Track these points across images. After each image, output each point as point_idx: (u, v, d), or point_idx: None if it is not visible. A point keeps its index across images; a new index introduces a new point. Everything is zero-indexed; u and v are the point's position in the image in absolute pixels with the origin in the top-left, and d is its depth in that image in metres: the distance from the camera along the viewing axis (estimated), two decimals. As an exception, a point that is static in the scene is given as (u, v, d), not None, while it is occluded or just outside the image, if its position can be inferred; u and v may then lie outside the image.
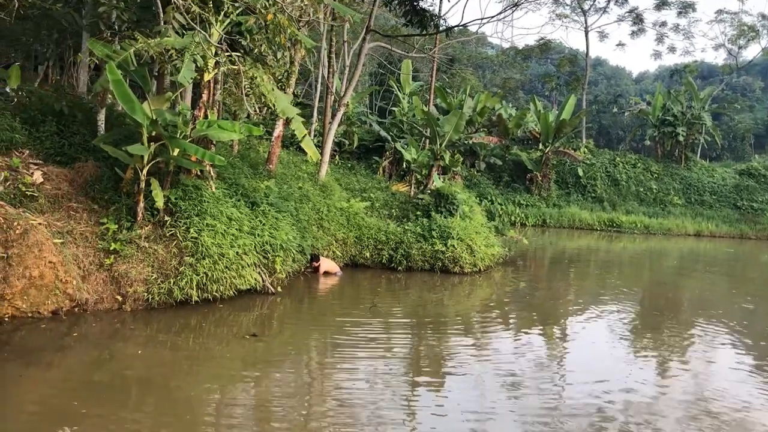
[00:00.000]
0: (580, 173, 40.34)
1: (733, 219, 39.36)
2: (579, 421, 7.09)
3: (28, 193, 10.54)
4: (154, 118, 10.78)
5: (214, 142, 12.56)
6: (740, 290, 18.95)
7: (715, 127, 46.69)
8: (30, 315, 9.25)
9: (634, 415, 7.44)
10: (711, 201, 41.28)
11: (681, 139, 42.92)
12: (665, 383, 9.01)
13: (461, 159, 26.87)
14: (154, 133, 10.97)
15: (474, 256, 16.64)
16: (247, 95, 11.91)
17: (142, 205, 11.04)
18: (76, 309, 9.80)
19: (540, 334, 11.67)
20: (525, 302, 14.79)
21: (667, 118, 43.33)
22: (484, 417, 7.10)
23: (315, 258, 14.38)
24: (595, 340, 11.40)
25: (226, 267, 11.02)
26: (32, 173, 11.04)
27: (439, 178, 20.07)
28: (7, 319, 9.00)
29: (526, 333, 11.67)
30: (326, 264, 14.66)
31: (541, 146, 38.92)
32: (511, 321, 12.49)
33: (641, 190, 41.22)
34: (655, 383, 8.94)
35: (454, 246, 16.38)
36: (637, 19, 51.34)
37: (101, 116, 12.65)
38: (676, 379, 9.21)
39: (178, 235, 10.91)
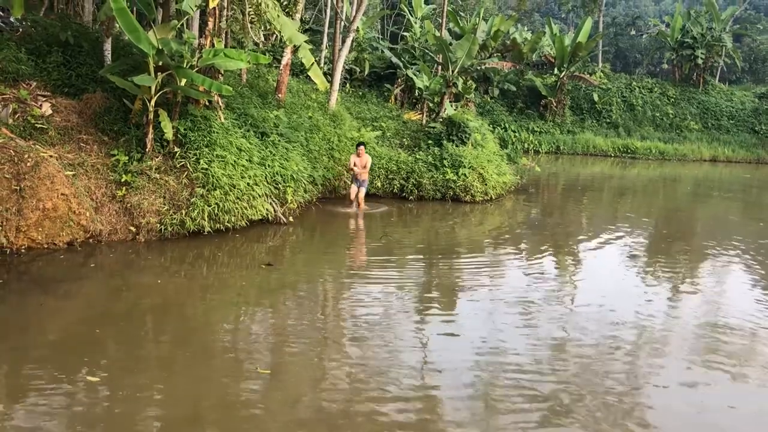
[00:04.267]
0: (596, 98, 39.64)
1: (751, 144, 38.80)
2: (589, 347, 7.19)
3: (38, 126, 10.52)
4: (160, 47, 10.61)
5: (222, 72, 12.39)
6: (755, 216, 18.85)
7: (735, 49, 45.34)
8: (46, 246, 9.39)
9: (645, 342, 7.54)
10: (728, 126, 40.57)
11: (700, 62, 41.82)
12: (676, 309, 9.08)
13: (474, 86, 26.39)
14: (160, 63, 10.82)
15: (485, 184, 16.59)
16: (252, 22, 11.65)
17: (151, 136, 11.01)
18: (90, 240, 9.94)
19: (552, 262, 11.73)
20: (536, 230, 14.82)
21: (686, 40, 42.09)
22: (495, 341, 7.22)
23: (361, 144, 14.55)
24: (607, 267, 11.45)
25: (237, 198, 11.07)
26: (41, 105, 10.98)
27: (452, 106, 19.75)
28: (23, 251, 9.15)
29: (538, 260, 11.74)
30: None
31: (556, 71, 38.12)
32: (522, 249, 12.55)
33: (657, 115, 40.53)
34: (667, 309, 9.01)
35: (465, 175, 16.30)
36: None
37: (107, 46, 12.47)
38: (688, 305, 9.27)
39: (188, 166, 10.92)
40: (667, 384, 6.38)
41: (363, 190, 14.38)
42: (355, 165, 14.20)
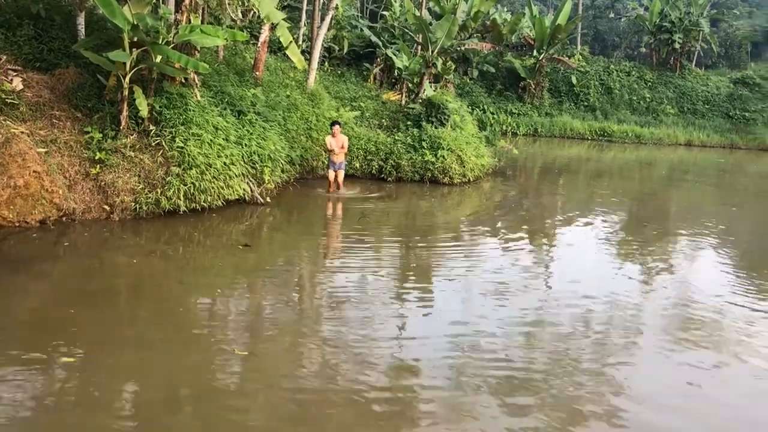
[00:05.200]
0: (574, 81, 39.77)
1: (725, 129, 39.24)
2: (561, 328, 7.27)
3: (8, 101, 10.26)
4: (135, 22, 10.39)
5: (198, 49, 12.19)
6: (727, 201, 19.13)
7: (712, 34, 45.69)
8: (17, 225, 9.23)
9: (617, 320, 7.65)
10: (704, 110, 40.98)
11: (677, 46, 42.07)
12: (649, 289, 9.21)
13: (453, 66, 26.32)
14: (135, 39, 10.61)
15: (464, 166, 16.60)
16: (230, -1, 11.46)
17: (126, 113, 10.83)
18: (63, 218, 9.79)
19: (527, 244, 11.82)
20: (513, 212, 14.91)
21: (664, 24, 42.29)
22: (471, 321, 7.27)
23: (336, 123, 14.07)
24: (582, 248, 11.56)
25: (214, 177, 10.95)
26: (11, 80, 10.71)
27: (431, 87, 19.67)
28: (-5, 229, 8.99)
29: (514, 242, 11.82)
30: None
31: (535, 53, 38.10)
32: (499, 231, 12.61)
33: (634, 98, 40.79)
34: (639, 290, 9.13)
35: (444, 157, 16.29)
36: None
37: (80, 20, 12.16)
38: (660, 285, 9.41)
39: (163, 144, 10.76)
40: (638, 361, 6.49)
41: (341, 173, 14.08)
42: (331, 146, 13.77)
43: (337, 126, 13.91)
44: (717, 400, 5.83)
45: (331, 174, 14.00)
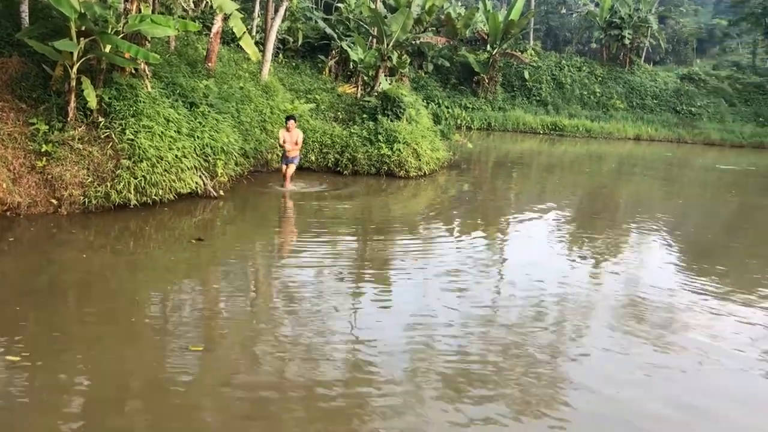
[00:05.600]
0: (527, 76, 40.33)
1: (672, 123, 40.37)
2: (515, 320, 7.37)
3: (-52, 91, 9.88)
4: (83, 11, 10.09)
5: (149, 39, 11.91)
6: (675, 193, 19.67)
7: (660, 30, 46.94)
8: (-41, 219, 8.90)
9: (569, 310, 7.78)
10: (652, 105, 42.08)
11: (627, 42, 43.08)
12: (600, 281, 9.41)
13: (409, 60, 26.37)
14: (83, 28, 10.31)
15: (419, 160, 16.66)
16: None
17: (73, 104, 10.51)
18: (8, 213, 9.45)
19: (482, 236, 11.93)
20: (468, 205, 15.04)
21: (615, 20, 43.23)
22: (426, 312, 7.30)
23: (291, 118, 13.66)
24: (535, 241, 11.73)
25: (165, 170, 10.72)
26: (-49, 69, 10.31)
27: (387, 80, 19.67)
28: (-66, 224, 8.64)
29: (469, 234, 11.92)
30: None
31: (488, 48, 38.50)
32: (453, 223, 12.71)
33: (585, 93, 41.61)
34: (591, 281, 9.32)
35: (399, 150, 16.32)
36: None
37: (24, 7, 11.75)
38: (610, 276, 9.61)
39: (113, 136, 10.50)
40: (590, 351, 6.62)
41: (293, 167, 13.78)
42: (285, 142, 13.48)
43: (292, 121, 13.58)
44: (667, 388, 5.98)
45: (284, 167, 13.81)
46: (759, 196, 20.86)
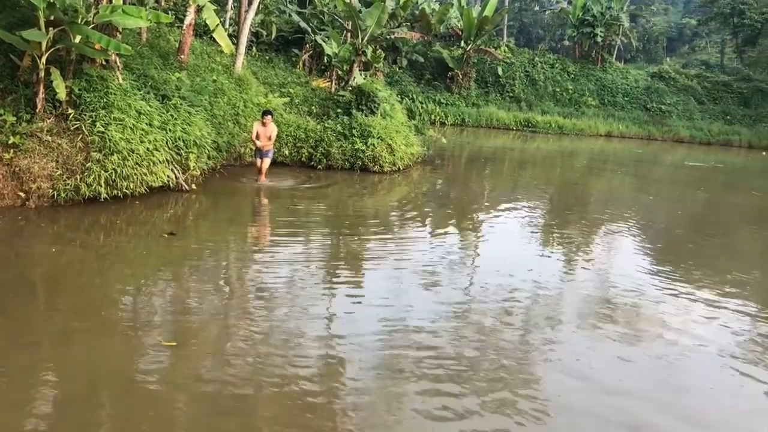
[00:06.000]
0: (500, 72, 40.54)
1: (643, 120, 40.94)
2: (487, 315, 7.42)
3: None
4: (52, 0, 9.90)
5: (120, 30, 11.73)
6: (645, 189, 19.95)
7: (631, 29, 47.52)
8: None
9: (540, 306, 7.86)
10: (623, 102, 42.61)
11: (599, 40, 43.55)
12: (571, 276, 9.51)
13: (383, 55, 26.34)
14: (52, 18, 10.11)
15: (393, 155, 16.67)
16: (154, -21, 11.06)
17: (42, 95, 10.32)
18: (-26, 206, 9.28)
19: (454, 232, 11.99)
20: (441, 201, 15.09)
21: (587, 18, 43.66)
22: (399, 308, 7.32)
23: (268, 113, 13.58)
24: (507, 237, 11.81)
25: (137, 163, 10.59)
26: None
27: (361, 75, 19.64)
28: None
29: (442, 230, 11.98)
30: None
31: (462, 44, 38.63)
32: (427, 219, 12.75)
33: (558, 90, 41.97)
34: (562, 276, 9.42)
35: (374, 145, 16.31)
36: None
37: (-10, -4, 11.52)
38: (580, 272, 9.74)
39: (83, 128, 10.33)
40: (561, 346, 6.69)
41: (267, 161, 13.68)
42: (258, 136, 13.37)
43: (269, 116, 13.49)
44: (637, 380, 6.08)
45: (258, 161, 13.69)
46: (726, 192, 21.26)
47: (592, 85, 43.00)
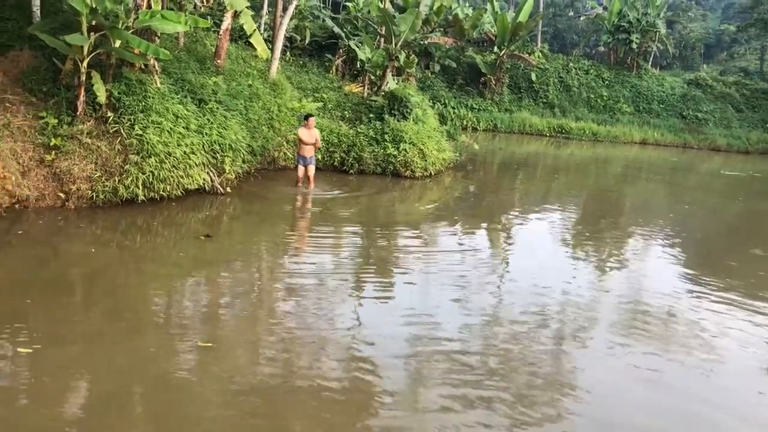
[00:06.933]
0: (533, 78, 40.25)
1: (678, 128, 40.26)
2: (517, 322, 7.38)
3: (-41, 83, 9.93)
4: (94, 6, 10.13)
5: (158, 35, 11.95)
6: (680, 198, 19.64)
7: (668, 35, 46.84)
8: (-32, 211, 8.94)
9: (571, 315, 7.79)
10: (658, 110, 41.97)
11: (634, 46, 42.98)
12: (602, 285, 9.41)
13: (416, 60, 26.36)
14: (94, 23, 10.35)
15: (425, 160, 16.67)
16: (193, -15, 11.24)
17: (83, 98, 10.56)
18: (16, 206, 9.51)
19: (486, 238, 11.95)
20: (472, 206, 15.05)
21: (623, 24, 43.15)
22: (428, 313, 7.32)
23: (310, 115, 13.70)
24: (538, 243, 11.73)
25: (173, 166, 10.76)
26: (-38, 61, 10.36)
27: (394, 80, 19.68)
28: (-57, 216, 8.69)
29: (472, 236, 11.94)
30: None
31: (496, 49, 38.45)
32: (458, 225, 12.71)
33: (592, 96, 41.51)
34: (594, 284, 9.32)
35: (406, 150, 16.33)
36: None
37: (36, 1, 11.80)
38: (613, 281, 9.61)
39: (122, 131, 10.53)
40: (592, 355, 6.63)
41: (312, 168, 13.68)
42: (304, 140, 13.37)
43: (312, 119, 13.60)
44: (672, 393, 5.99)
45: (301, 169, 13.65)
46: (764, 202, 20.82)
47: (627, 91, 42.45)
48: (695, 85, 43.74)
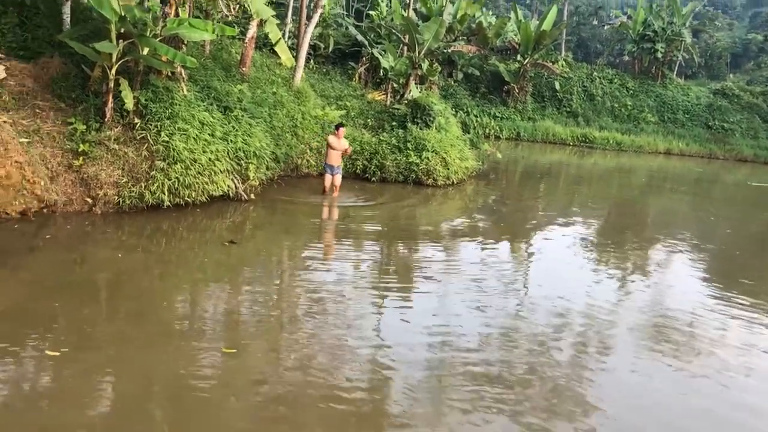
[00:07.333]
0: (557, 87, 40.06)
1: (704, 138, 39.82)
2: (539, 333, 7.33)
3: (-9, 90, 10.12)
4: (123, 14, 10.29)
5: (185, 42, 12.09)
6: (706, 209, 19.39)
7: (693, 44, 46.36)
8: (-2, 215, 9.09)
9: (594, 327, 7.71)
10: (683, 120, 41.55)
11: (659, 55, 42.65)
12: (624, 297, 9.31)
13: (439, 68, 26.36)
14: (122, 30, 10.50)
15: (448, 169, 16.65)
16: (220, -7, 11.37)
17: (111, 105, 10.70)
18: (44, 210, 9.65)
19: (507, 247, 11.89)
20: (495, 216, 14.98)
21: (648, 33, 42.84)
22: (449, 324, 7.30)
23: (341, 125, 13.85)
24: (561, 254, 11.63)
25: (199, 172, 10.86)
26: (-6, 68, 10.56)
27: (416, 88, 19.70)
28: (-26, 219, 8.84)
29: (494, 245, 11.88)
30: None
31: (519, 57, 38.36)
32: (479, 234, 12.66)
33: (616, 106, 41.22)
34: (617, 297, 9.24)
35: (428, 158, 16.33)
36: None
37: (66, 9, 12.00)
38: (637, 294, 9.51)
39: (148, 138, 10.65)
40: (614, 368, 6.56)
41: (338, 177, 13.76)
42: (337, 146, 13.50)
43: (342, 128, 13.73)
44: (695, 408, 5.91)
45: (328, 178, 13.70)
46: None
47: (651, 101, 42.08)
48: (721, 95, 43.24)
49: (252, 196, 12.17)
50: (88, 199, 10.13)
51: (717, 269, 11.73)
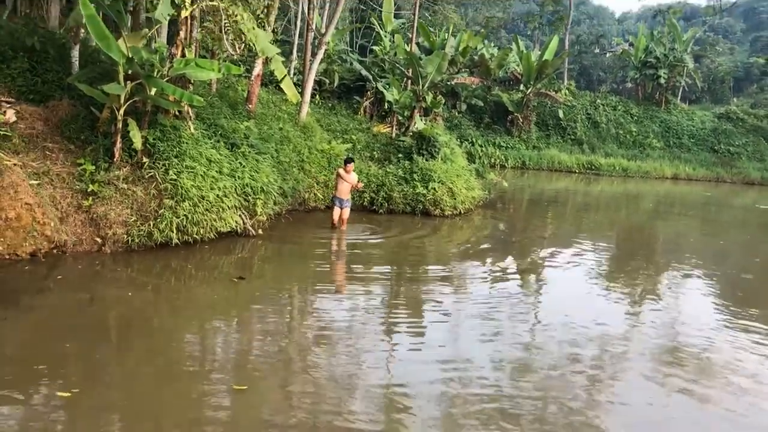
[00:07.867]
0: (561, 115, 40.28)
1: (710, 162, 39.84)
2: (550, 362, 7.26)
3: (1, 133, 10.24)
4: (130, 56, 10.46)
5: (192, 81, 12.26)
6: (714, 234, 19.30)
7: (696, 69, 46.63)
8: (8, 257, 9.13)
9: (605, 357, 7.63)
10: (689, 144, 41.62)
11: (662, 81, 42.88)
12: (636, 325, 9.22)
13: (443, 100, 26.59)
14: (130, 72, 10.67)
15: (455, 199, 16.69)
16: (226, 33, 11.56)
17: (119, 145, 10.82)
18: (54, 251, 9.70)
19: (516, 277, 11.82)
20: (503, 244, 14.95)
21: (650, 59, 43.15)
22: (459, 357, 7.24)
23: (351, 160, 13.81)
24: (570, 283, 11.57)
25: (207, 209, 10.92)
26: (4, 112, 10.71)
27: (421, 120, 19.87)
28: (-16, 261, 8.89)
29: (503, 275, 11.83)
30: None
31: (522, 87, 38.67)
32: (488, 263, 12.62)
33: (621, 132, 41.37)
34: (628, 324, 9.15)
35: (435, 189, 16.39)
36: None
37: (75, 53, 12.24)
38: (648, 320, 9.41)
39: (157, 176, 10.75)
40: (627, 400, 6.47)
41: (347, 210, 13.82)
42: (342, 179, 13.55)
43: (351, 164, 13.72)
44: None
45: (336, 211, 13.75)
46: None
47: (656, 126, 42.22)
48: (726, 119, 43.35)
49: (260, 231, 12.21)
50: (98, 239, 10.18)
51: (728, 294, 11.62)
